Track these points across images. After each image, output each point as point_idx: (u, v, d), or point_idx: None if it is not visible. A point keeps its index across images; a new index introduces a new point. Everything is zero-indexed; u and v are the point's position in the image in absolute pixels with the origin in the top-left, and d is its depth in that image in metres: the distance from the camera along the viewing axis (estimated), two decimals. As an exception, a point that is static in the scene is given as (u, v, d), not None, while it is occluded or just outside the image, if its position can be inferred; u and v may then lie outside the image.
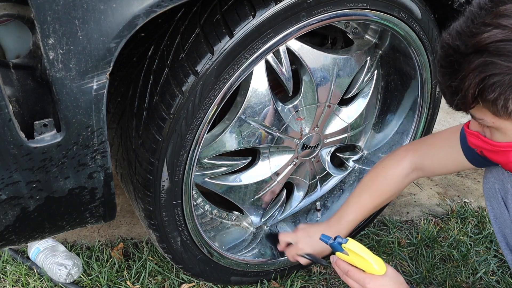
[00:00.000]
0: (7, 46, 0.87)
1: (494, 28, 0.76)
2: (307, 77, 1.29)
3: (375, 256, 1.12)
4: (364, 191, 1.32)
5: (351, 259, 1.12)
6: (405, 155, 1.29)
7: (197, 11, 1.05)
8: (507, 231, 1.22)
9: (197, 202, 1.39)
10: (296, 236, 1.38)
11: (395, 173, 1.29)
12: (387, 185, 1.30)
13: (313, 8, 1.08)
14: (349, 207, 1.33)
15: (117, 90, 1.18)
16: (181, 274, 1.53)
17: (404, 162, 1.28)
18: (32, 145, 0.83)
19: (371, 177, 1.33)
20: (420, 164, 1.27)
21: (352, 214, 1.32)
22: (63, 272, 1.46)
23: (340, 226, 1.32)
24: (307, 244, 1.34)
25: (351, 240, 1.14)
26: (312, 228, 1.37)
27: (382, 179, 1.30)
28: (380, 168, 1.32)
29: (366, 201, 1.32)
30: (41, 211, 0.94)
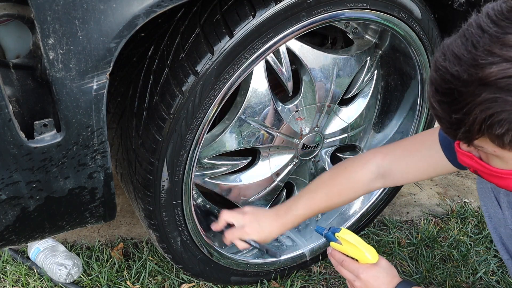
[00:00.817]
0: (7, 46, 0.87)
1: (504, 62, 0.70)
2: (307, 77, 1.29)
3: (367, 245, 1.14)
4: (321, 188, 1.25)
5: (344, 249, 1.15)
6: (372, 158, 1.20)
7: (197, 11, 1.05)
8: (501, 230, 1.22)
9: (197, 202, 1.39)
10: (244, 219, 1.27)
11: (358, 176, 1.21)
12: (347, 188, 1.23)
13: (313, 8, 1.08)
14: (300, 201, 1.25)
15: (117, 90, 1.18)
16: (181, 274, 1.53)
17: (370, 165, 1.20)
18: (32, 145, 0.83)
19: (332, 175, 1.25)
20: (388, 170, 1.19)
21: (302, 210, 1.25)
22: (63, 272, 1.46)
23: (287, 218, 1.25)
24: (255, 231, 1.26)
25: (344, 230, 1.16)
26: (260, 215, 1.28)
27: (343, 180, 1.23)
28: (342, 169, 1.24)
29: (320, 199, 1.24)
30: (41, 211, 0.94)
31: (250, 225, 1.26)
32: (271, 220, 1.25)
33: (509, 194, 1.14)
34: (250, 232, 1.26)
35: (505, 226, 1.18)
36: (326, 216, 1.64)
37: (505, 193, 1.15)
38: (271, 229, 1.26)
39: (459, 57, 0.73)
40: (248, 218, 1.27)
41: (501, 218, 1.19)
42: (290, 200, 1.29)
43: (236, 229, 1.28)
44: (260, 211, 1.30)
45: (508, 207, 1.15)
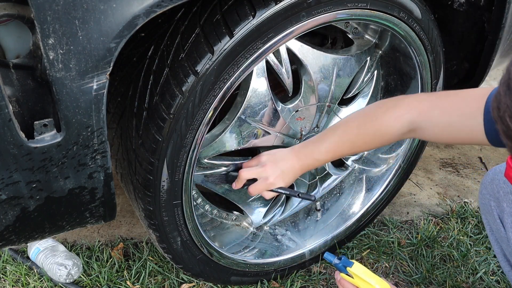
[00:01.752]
0: (7, 46, 0.87)
1: None
2: (307, 77, 1.29)
3: (380, 279, 1.11)
4: (347, 135, 1.17)
5: (356, 282, 1.12)
6: (407, 113, 1.09)
7: (197, 11, 1.05)
8: (504, 246, 1.21)
9: (197, 202, 1.39)
10: (265, 171, 1.24)
11: (390, 130, 1.11)
12: (375, 139, 1.15)
13: (313, 8, 1.08)
14: (324, 144, 1.19)
15: (117, 90, 1.18)
16: (181, 274, 1.53)
17: (403, 120, 1.09)
18: (32, 145, 0.83)
19: (361, 124, 1.16)
20: (422, 127, 1.08)
21: (325, 155, 1.19)
22: (63, 272, 1.46)
23: (308, 161, 1.22)
24: (279, 178, 1.23)
25: (357, 264, 1.13)
26: (280, 161, 1.24)
27: (373, 131, 1.14)
28: (373, 118, 1.14)
29: (344, 146, 1.18)
30: (41, 211, 0.94)
31: (273, 174, 1.23)
32: (292, 164, 1.22)
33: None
34: (275, 182, 1.24)
35: (508, 244, 1.17)
36: (326, 217, 1.64)
37: (510, 213, 1.13)
38: (294, 172, 1.24)
39: None
40: (269, 168, 1.24)
41: (503, 237, 1.17)
42: (311, 141, 1.22)
43: (260, 182, 1.25)
44: (278, 158, 1.25)
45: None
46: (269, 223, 1.57)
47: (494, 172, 1.22)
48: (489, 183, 1.20)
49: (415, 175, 2.12)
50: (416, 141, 1.59)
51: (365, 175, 1.66)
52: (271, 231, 1.58)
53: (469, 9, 1.39)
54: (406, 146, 1.60)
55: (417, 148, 1.62)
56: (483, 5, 1.36)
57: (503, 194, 1.15)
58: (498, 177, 1.19)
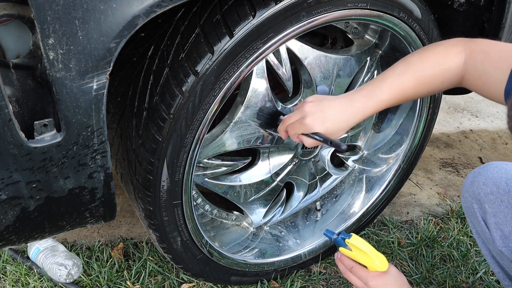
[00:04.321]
0: (7, 46, 0.87)
1: None
2: (307, 77, 1.29)
3: (377, 252, 1.13)
4: (410, 71, 1.05)
5: (354, 255, 1.14)
6: (463, 50, 1.03)
7: (197, 11, 1.05)
8: (491, 247, 1.20)
9: (197, 202, 1.39)
10: (304, 111, 1.07)
11: (452, 64, 1.03)
12: (438, 76, 1.05)
13: (313, 8, 1.08)
14: (386, 83, 1.05)
15: (117, 90, 1.18)
16: (181, 274, 1.53)
17: (461, 57, 1.03)
18: (32, 145, 0.83)
19: (422, 57, 1.06)
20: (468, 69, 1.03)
21: (388, 94, 1.04)
22: (63, 272, 1.46)
23: (368, 104, 1.05)
24: (317, 120, 1.05)
25: (355, 236, 1.16)
26: (326, 102, 1.07)
27: (436, 65, 1.04)
28: (435, 52, 1.05)
29: (409, 83, 1.05)
30: (41, 211, 0.94)
31: (311, 114, 1.05)
32: (341, 107, 1.05)
33: (496, 215, 1.12)
34: (311, 124, 1.05)
35: (494, 246, 1.16)
36: (326, 217, 1.64)
37: (492, 214, 1.13)
38: (342, 117, 1.05)
39: None
40: (308, 107, 1.07)
41: (489, 238, 1.16)
42: (367, 83, 1.08)
43: (296, 121, 1.08)
44: (326, 98, 1.09)
45: (496, 228, 1.12)
46: (269, 223, 1.57)
47: (473, 175, 1.18)
48: (470, 185, 1.17)
49: (415, 175, 2.12)
50: (416, 141, 1.59)
51: (365, 175, 1.66)
52: (271, 231, 1.58)
53: (469, 9, 1.39)
54: (406, 146, 1.60)
55: (417, 148, 1.62)
56: (483, 5, 1.36)
57: (483, 195, 1.12)
58: (477, 179, 1.16)
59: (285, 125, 1.12)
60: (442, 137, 2.46)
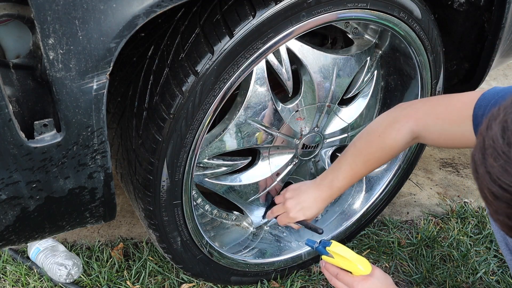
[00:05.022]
0: (7, 46, 0.87)
1: None
2: (307, 77, 1.29)
3: (359, 256, 1.15)
4: (358, 157, 1.24)
5: (337, 261, 1.15)
6: (406, 123, 1.15)
7: (197, 11, 1.05)
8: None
9: (197, 202, 1.39)
10: (286, 207, 1.37)
11: (395, 143, 1.17)
12: (385, 154, 1.21)
13: (313, 8, 1.08)
14: (341, 172, 1.27)
15: (117, 90, 1.18)
16: (181, 274, 1.53)
17: (404, 130, 1.15)
18: (32, 145, 0.83)
19: (367, 143, 1.23)
20: (422, 134, 1.14)
21: (344, 180, 1.27)
22: (63, 272, 1.46)
23: (332, 191, 1.30)
24: (299, 212, 1.34)
25: (335, 243, 1.18)
26: (302, 195, 1.35)
27: (380, 147, 1.20)
28: (376, 136, 1.20)
29: (360, 167, 1.25)
30: (41, 211, 0.94)
31: (294, 209, 1.34)
32: (313, 198, 1.31)
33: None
34: (296, 216, 1.35)
35: None
36: (326, 217, 1.64)
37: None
38: (317, 205, 1.32)
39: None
40: (290, 204, 1.36)
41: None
42: (329, 171, 1.32)
43: (283, 215, 1.38)
44: (301, 192, 1.35)
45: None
46: (269, 223, 1.57)
47: None
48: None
49: (415, 175, 2.12)
50: (416, 141, 1.59)
51: (365, 175, 1.66)
52: (271, 231, 1.58)
53: (469, 9, 1.39)
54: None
55: (417, 148, 1.62)
56: (483, 5, 1.36)
57: None
58: None
59: (273, 215, 1.43)
60: (442, 137, 2.46)
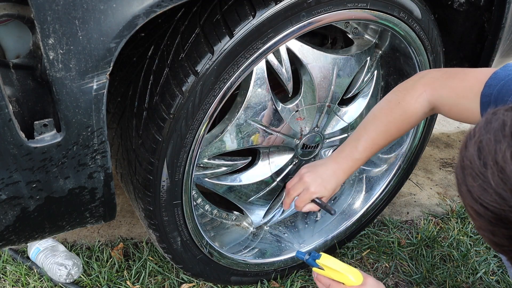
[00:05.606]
0: (7, 46, 0.87)
1: None
2: (307, 77, 1.29)
3: (350, 267, 1.16)
4: (379, 127, 1.21)
5: (328, 274, 1.16)
6: (423, 92, 1.15)
7: (197, 11, 1.05)
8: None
9: (197, 202, 1.39)
10: (305, 182, 1.27)
11: (413, 110, 1.16)
12: (404, 123, 1.19)
13: (313, 8, 1.08)
14: (360, 143, 1.22)
15: (117, 90, 1.18)
16: (181, 274, 1.53)
17: (422, 100, 1.15)
18: (32, 145, 0.83)
19: (387, 111, 1.20)
20: (437, 105, 1.15)
21: (365, 152, 1.22)
22: (63, 272, 1.46)
23: (351, 163, 1.24)
24: (320, 186, 1.25)
25: (324, 255, 1.18)
26: (320, 169, 1.27)
27: (399, 116, 1.18)
28: (395, 103, 1.18)
29: (379, 138, 1.21)
30: (41, 211, 0.94)
31: (314, 183, 1.25)
32: (332, 171, 1.24)
33: None
34: (317, 190, 1.25)
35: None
36: (326, 217, 1.64)
37: None
38: (336, 178, 1.25)
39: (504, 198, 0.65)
40: (308, 178, 1.27)
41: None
42: (346, 143, 1.26)
43: (303, 193, 1.27)
44: (318, 166, 1.28)
45: None
46: (269, 223, 1.57)
47: None
48: None
49: (415, 175, 2.12)
50: (416, 141, 1.59)
51: (365, 175, 1.66)
52: (271, 231, 1.58)
53: (469, 9, 1.39)
54: (406, 146, 1.60)
55: (417, 148, 1.62)
56: (483, 5, 1.36)
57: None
58: None
59: (291, 198, 1.30)
60: (442, 137, 2.46)
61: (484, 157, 0.66)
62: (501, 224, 0.66)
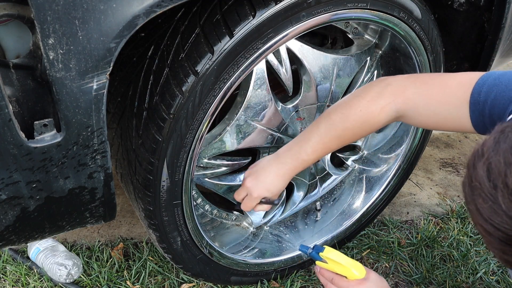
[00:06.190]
0: (7, 46, 0.87)
1: None
2: (307, 77, 1.29)
3: (353, 261, 1.15)
4: (333, 131, 1.12)
5: (331, 267, 1.15)
6: (392, 101, 1.05)
7: (197, 11, 1.05)
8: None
9: (197, 202, 1.39)
10: (247, 188, 1.21)
11: (377, 120, 1.08)
12: (362, 130, 1.11)
13: (313, 8, 1.08)
14: (310, 145, 1.14)
15: (117, 90, 1.18)
16: (181, 274, 1.53)
17: (389, 109, 1.06)
18: (32, 145, 0.83)
19: (345, 117, 1.10)
20: (409, 114, 1.06)
21: (313, 154, 1.14)
22: (63, 272, 1.46)
23: (297, 163, 1.16)
24: (262, 190, 1.20)
25: (328, 248, 1.17)
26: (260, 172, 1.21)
27: (358, 123, 1.09)
28: (357, 109, 1.09)
29: (332, 142, 1.13)
30: (41, 211, 0.94)
31: (255, 188, 1.20)
32: (275, 173, 1.18)
33: None
34: (260, 194, 1.20)
35: None
36: (326, 217, 1.64)
37: None
38: (280, 179, 1.19)
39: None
40: (250, 183, 1.21)
41: None
42: (295, 142, 1.18)
43: (246, 199, 1.23)
44: (259, 169, 1.21)
45: None
46: (269, 223, 1.57)
47: None
48: None
49: (415, 175, 2.12)
50: (416, 141, 1.59)
51: (365, 175, 1.66)
52: (271, 231, 1.58)
53: (469, 9, 1.39)
54: (406, 146, 1.60)
55: (417, 148, 1.62)
56: (483, 5, 1.36)
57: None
58: None
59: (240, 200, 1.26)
60: (442, 137, 2.46)
61: (494, 179, 0.66)
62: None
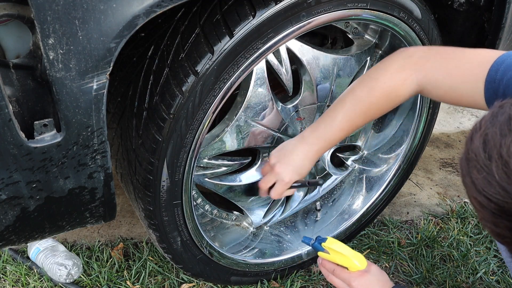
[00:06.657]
0: (7, 46, 0.87)
1: None
2: (307, 77, 1.29)
3: (355, 252, 1.16)
4: (358, 106, 1.13)
5: (333, 258, 1.16)
6: (412, 74, 1.07)
7: (197, 11, 1.05)
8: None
9: (197, 202, 1.39)
10: (277, 173, 1.23)
11: (400, 91, 1.09)
12: (386, 104, 1.12)
13: (313, 8, 1.08)
14: (336, 122, 1.15)
15: (117, 90, 1.18)
16: (181, 274, 1.53)
17: (411, 81, 1.07)
18: (32, 145, 0.83)
19: (370, 91, 1.12)
20: (428, 88, 1.07)
21: (340, 132, 1.15)
22: (63, 272, 1.46)
23: (324, 143, 1.17)
24: (294, 173, 1.21)
25: (330, 239, 1.18)
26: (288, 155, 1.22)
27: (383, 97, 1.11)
28: (380, 83, 1.10)
29: (359, 118, 1.14)
30: (41, 211, 0.94)
31: (287, 173, 1.21)
32: (303, 154, 1.19)
33: None
34: (291, 179, 1.22)
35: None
36: (326, 217, 1.64)
37: None
38: (309, 160, 1.20)
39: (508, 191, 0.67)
40: (280, 168, 1.22)
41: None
42: (321, 122, 1.18)
43: (277, 185, 1.24)
44: (287, 153, 1.22)
45: None
46: (269, 223, 1.57)
47: None
48: None
49: (415, 175, 2.12)
50: (416, 141, 1.59)
51: (365, 175, 1.66)
52: (271, 231, 1.58)
53: (469, 9, 1.39)
54: (406, 146, 1.60)
55: (417, 148, 1.62)
56: (483, 5, 1.36)
57: None
58: None
59: (265, 190, 1.27)
60: (442, 137, 2.46)
61: (489, 150, 0.67)
62: (504, 216, 0.68)
